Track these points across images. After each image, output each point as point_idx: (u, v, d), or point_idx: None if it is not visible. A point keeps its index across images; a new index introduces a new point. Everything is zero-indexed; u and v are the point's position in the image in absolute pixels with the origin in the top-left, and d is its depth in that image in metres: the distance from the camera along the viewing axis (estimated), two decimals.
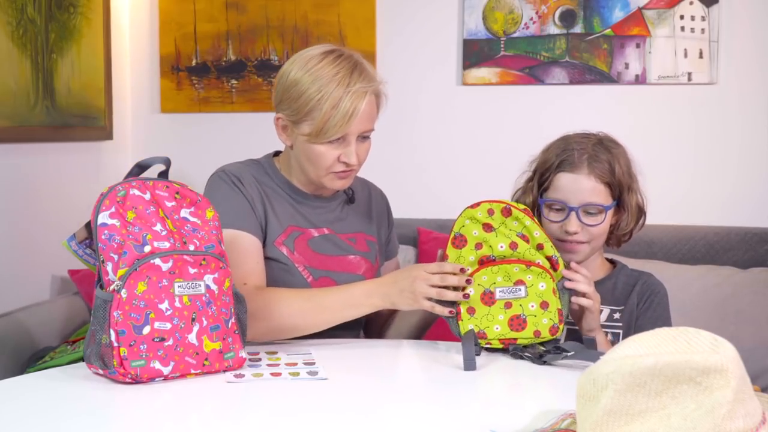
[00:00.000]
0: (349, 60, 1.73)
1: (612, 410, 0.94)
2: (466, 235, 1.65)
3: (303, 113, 1.71)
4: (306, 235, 1.82)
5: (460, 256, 1.65)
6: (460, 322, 1.60)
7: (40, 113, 2.58)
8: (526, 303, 1.61)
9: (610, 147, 1.77)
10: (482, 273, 1.61)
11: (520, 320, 1.60)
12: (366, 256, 1.87)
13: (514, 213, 1.66)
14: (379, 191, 2.02)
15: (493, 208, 1.66)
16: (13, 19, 2.44)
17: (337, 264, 1.83)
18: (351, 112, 1.69)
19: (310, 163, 1.76)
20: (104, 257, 1.42)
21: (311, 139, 1.71)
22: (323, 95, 1.68)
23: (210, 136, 3.08)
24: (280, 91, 1.76)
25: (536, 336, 1.60)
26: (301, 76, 1.71)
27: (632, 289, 1.78)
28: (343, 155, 1.73)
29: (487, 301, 1.60)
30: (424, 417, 1.31)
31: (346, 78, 1.69)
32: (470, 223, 1.66)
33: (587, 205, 1.73)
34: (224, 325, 1.49)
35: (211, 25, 3.05)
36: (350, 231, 1.88)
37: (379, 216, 1.96)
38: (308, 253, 1.80)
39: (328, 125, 1.69)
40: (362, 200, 1.94)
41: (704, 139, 2.77)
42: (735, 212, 2.72)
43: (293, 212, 1.82)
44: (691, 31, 2.72)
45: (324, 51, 1.74)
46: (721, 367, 0.92)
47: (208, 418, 1.30)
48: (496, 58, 2.85)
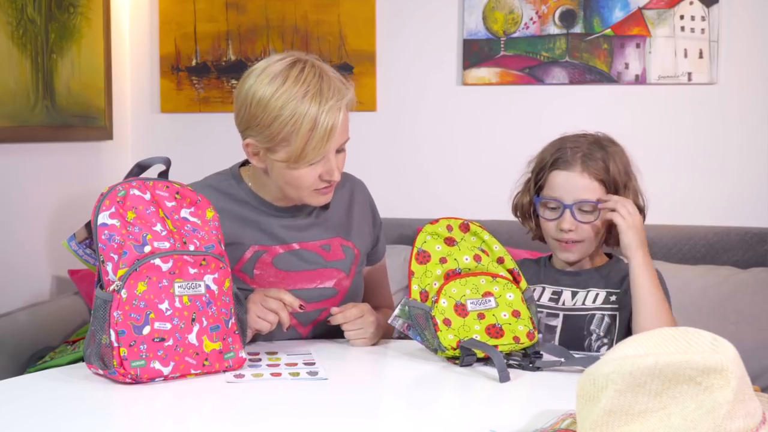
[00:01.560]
0: (313, 72, 1.63)
1: (612, 410, 0.94)
2: (428, 250, 1.66)
3: (277, 140, 1.62)
4: (270, 253, 1.76)
5: (426, 271, 1.65)
6: (439, 333, 1.58)
7: (40, 113, 2.58)
8: (498, 312, 1.61)
9: (606, 145, 1.78)
10: (451, 285, 1.61)
11: (496, 328, 1.60)
12: (338, 265, 1.81)
13: (472, 228, 1.69)
14: (361, 188, 1.92)
15: (452, 224, 1.69)
16: (13, 19, 2.44)
17: (304, 279, 1.78)
18: (329, 130, 1.61)
19: (290, 186, 1.69)
20: (104, 257, 1.42)
21: (290, 165, 1.64)
22: (297, 119, 1.59)
23: (210, 136, 3.08)
24: (246, 116, 1.66)
25: (516, 342, 1.60)
26: (268, 99, 1.61)
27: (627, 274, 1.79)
28: (325, 173, 1.66)
29: (461, 313, 1.60)
30: (424, 417, 1.31)
31: (317, 96, 1.60)
32: (431, 238, 1.67)
33: (581, 203, 1.74)
34: (224, 325, 1.49)
35: (211, 25, 3.05)
36: (325, 237, 1.81)
37: (361, 216, 1.89)
38: (271, 273, 1.76)
39: (307, 149, 1.61)
40: (341, 200, 1.86)
41: (704, 139, 2.76)
42: (735, 212, 2.72)
43: (258, 231, 1.76)
44: (691, 31, 2.72)
45: (285, 66, 1.64)
46: (721, 367, 0.92)
47: (208, 418, 1.30)
48: (496, 58, 2.85)
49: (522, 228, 1.92)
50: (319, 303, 1.78)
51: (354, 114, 1.73)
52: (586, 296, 1.78)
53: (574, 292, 1.79)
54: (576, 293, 1.79)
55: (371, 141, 2.95)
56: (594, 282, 1.80)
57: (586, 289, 1.79)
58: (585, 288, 1.80)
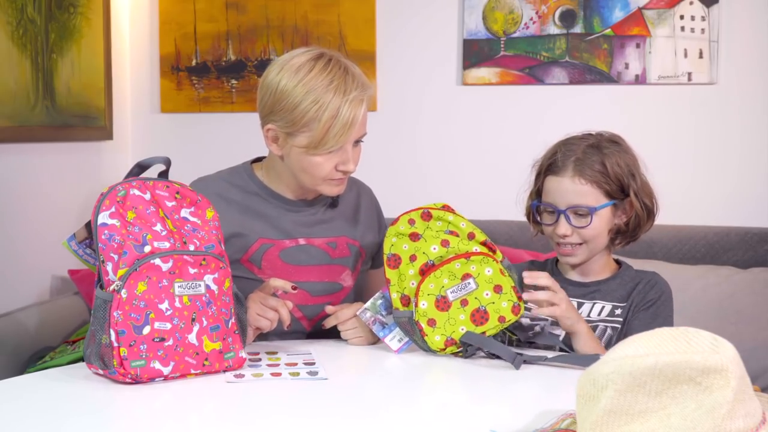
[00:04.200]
0: (338, 65, 1.69)
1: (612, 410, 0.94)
2: (397, 252, 1.66)
3: (299, 125, 1.67)
4: (277, 246, 1.79)
5: (400, 275, 1.65)
6: (426, 338, 1.60)
7: (40, 113, 2.58)
8: (480, 293, 1.61)
9: (604, 147, 1.76)
10: (428, 282, 1.61)
11: (481, 312, 1.61)
12: (344, 262, 1.84)
13: (434, 214, 1.67)
14: (368, 193, 1.97)
15: (413, 217, 1.67)
16: (13, 19, 2.44)
17: (311, 274, 1.80)
18: (350, 121, 1.66)
19: (305, 173, 1.73)
20: (104, 257, 1.42)
21: (309, 151, 1.68)
22: (320, 106, 1.64)
23: (210, 136, 3.08)
24: (269, 102, 1.70)
25: (501, 322, 1.62)
26: (293, 86, 1.66)
27: (634, 288, 1.78)
28: (341, 164, 1.71)
29: (443, 307, 1.60)
30: (424, 417, 1.31)
31: (341, 86, 1.66)
32: (397, 239, 1.66)
33: (574, 207, 1.73)
34: (224, 325, 1.49)
35: (211, 25, 3.05)
36: (332, 235, 1.84)
37: (367, 219, 1.91)
38: (278, 266, 1.78)
39: (327, 136, 1.66)
40: (349, 202, 1.90)
41: (704, 139, 2.76)
42: (735, 212, 2.72)
43: (266, 224, 1.79)
44: (691, 31, 2.72)
45: (311, 57, 1.69)
46: (721, 367, 0.92)
47: (208, 418, 1.30)
48: (496, 58, 2.85)
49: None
50: (324, 297, 1.80)
51: None
52: (591, 308, 1.77)
53: (580, 303, 1.77)
54: (582, 304, 1.78)
55: (371, 141, 2.92)
56: (600, 295, 1.78)
57: (592, 301, 1.78)
58: (591, 300, 1.78)
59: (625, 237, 1.81)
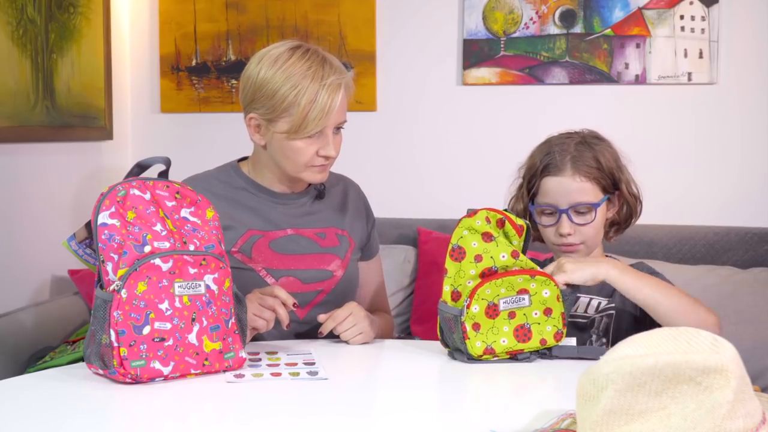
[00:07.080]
0: (316, 54, 1.74)
1: (612, 410, 0.94)
2: (464, 246, 1.57)
3: (279, 111, 1.71)
4: (267, 237, 1.81)
5: (459, 269, 1.57)
6: (467, 341, 1.54)
7: (40, 113, 2.58)
8: (530, 311, 1.57)
9: (593, 143, 1.77)
10: (485, 287, 1.54)
11: (525, 330, 1.56)
12: (333, 251, 1.86)
13: (506, 227, 1.61)
14: (355, 187, 1.98)
15: (490, 217, 1.59)
16: (13, 19, 2.44)
17: (301, 262, 1.82)
18: (329, 105, 1.70)
19: (287, 160, 1.76)
20: (104, 257, 1.42)
21: (290, 136, 1.72)
22: (299, 91, 1.69)
23: (210, 136, 3.08)
24: (250, 91, 1.75)
25: (542, 344, 1.58)
26: (273, 74, 1.71)
27: None
28: (322, 149, 1.74)
29: (492, 314, 1.55)
30: (424, 417, 1.31)
31: (319, 72, 1.70)
32: (468, 233, 1.57)
33: (576, 206, 1.74)
34: (224, 325, 1.49)
35: (211, 25, 3.05)
36: (320, 226, 1.86)
37: (355, 211, 1.93)
38: (268, 255, 1.80)
39: (307, 120, 1.70)
40: (336, 195, 1.92)
41: (704, 139, 2.77)
42: (735, 212, 2.72)
43: (255, 216, 1.82)
44: (691, 31, 2.72)
45: (290, 47, 1.74)
46: (721, 367, 0.92)
47: (208, 418, 1.30)
48: (496, 58, 2.85)
49: None
50: (315, 284, 1.82)
51: (354, 114, 1.76)
52: (588, 303, 1.77)
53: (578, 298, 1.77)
54: (578, 298, 1.78)
55: (371, 141, 2.95)
56: (595, 290, 1.77)
57: (588, 296, 1.78)
58: (587, 294, 1.78)
59: (618, 230, 1.82)
